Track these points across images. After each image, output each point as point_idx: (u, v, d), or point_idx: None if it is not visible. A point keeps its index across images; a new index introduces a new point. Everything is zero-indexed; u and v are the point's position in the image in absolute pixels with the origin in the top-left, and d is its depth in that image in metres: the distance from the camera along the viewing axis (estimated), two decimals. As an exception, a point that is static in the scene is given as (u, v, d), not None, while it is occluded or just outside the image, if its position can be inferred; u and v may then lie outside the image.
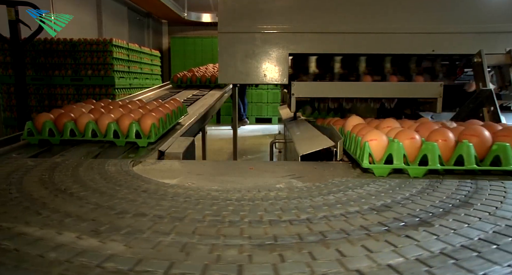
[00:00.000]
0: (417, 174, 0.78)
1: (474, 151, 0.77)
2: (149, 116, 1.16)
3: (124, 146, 1.12)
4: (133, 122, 1.12)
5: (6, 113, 3.73)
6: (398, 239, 0.44)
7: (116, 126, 1.12)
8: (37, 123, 1.12)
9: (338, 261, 0.39)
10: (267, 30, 1.53)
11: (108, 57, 3.81)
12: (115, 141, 1.13)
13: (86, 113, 1.20)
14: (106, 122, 1.12)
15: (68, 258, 0.38)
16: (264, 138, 5.27)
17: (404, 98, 1.62)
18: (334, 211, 0.55)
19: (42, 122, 1.12)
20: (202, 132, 2.80)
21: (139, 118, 1.15)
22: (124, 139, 1.12)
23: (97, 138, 1.13)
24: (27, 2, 2.69)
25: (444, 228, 0.48)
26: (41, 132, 1.12)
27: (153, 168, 0.88)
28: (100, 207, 0.56)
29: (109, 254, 0.40)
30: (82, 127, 1.13)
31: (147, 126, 1.12)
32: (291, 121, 1.76)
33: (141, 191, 0.65)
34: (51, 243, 0.42)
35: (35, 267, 0.37)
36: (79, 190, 0.65)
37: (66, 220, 0.50)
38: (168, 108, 1.36)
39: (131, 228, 0.48)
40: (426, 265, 0.37)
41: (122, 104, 1.41)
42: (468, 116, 1.27)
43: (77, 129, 1.13)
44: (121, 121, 1.13)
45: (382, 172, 0.79)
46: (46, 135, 1.12)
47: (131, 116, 1.15)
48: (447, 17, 1.50)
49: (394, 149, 0.78)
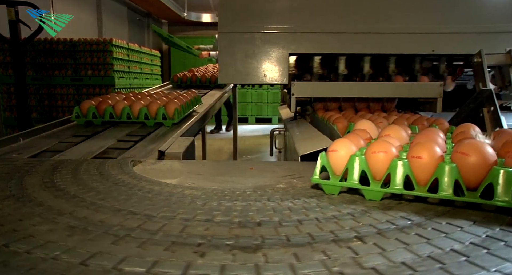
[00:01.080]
0: (373, 197, 0.62)
1: (458, 174, 0.57)
2: (173, 102, 1.45)
3: (153, 126, 1.40)
4: (160, 107, 1.40)
5: (6, 113, 3.73)
6: (387, 241, 0.44)
7: (146, 111, 1.40)
8: (83, 108, 1.42)
9: (322, 262, 0.39)
10: (267, 30, 1.53)
11: (108, 57, 3.81)
12: (146, 122, 1.41)
13: (121, 100, 1.48)
14: (138, 107, 1.41)
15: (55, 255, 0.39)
16: (264, 137, 5.27)
17: (404, 98, 1.62)
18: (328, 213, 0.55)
19: (87, 107, 1.41)
20: (202, 132, 2.79)
21: (165, 104, 1.42)
22: (153, 120, 1.40)
23: (131, 120, 1.42)
24: (27, 2, 2.69)
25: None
26: (86, 115, 1.41)
27: (153, 168, 0.88)
28: (94, 205, 0.56)
29: (95, 253, 0.40)
30: (119, 112, 1.42)
31: (171, 110, 1.41)
32: (291, 121, 1.76)
33: (137, 190, 0.65)
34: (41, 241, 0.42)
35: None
36: (83, 192, 0.65)
37: (59, 217, 0.50)
38: (187, 97, 1.66)
39: (121, 226, 0.48)
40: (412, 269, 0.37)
41: (148, 94, 1.75)
42: (468, 116, 1.27)
43: (114, 113, 1.42)
44: (150, 106, 1.41)
45: (332, 190, 0.65)
46: (90, 118, 1.41)
47: (158, 103, 1.43)
48: (447, 17, 1.49)
49: (353, 163, 0.63)
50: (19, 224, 0.48)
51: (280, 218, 0.52)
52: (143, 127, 1.39)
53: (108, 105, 1.42)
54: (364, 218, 0.53)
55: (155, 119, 1.40)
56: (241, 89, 6.87)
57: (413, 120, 1.23)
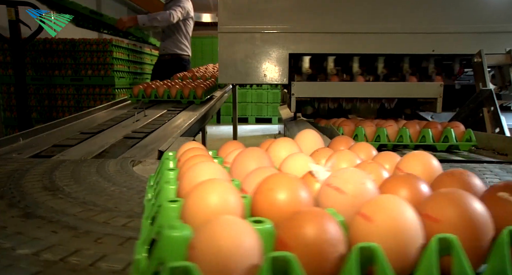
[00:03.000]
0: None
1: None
2: (200, 86, 2.00)
3: (186, 103, 1.94)
4: (191, 90, 1.95)
5: (6, 113, 3.73)
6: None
7: (181, 92, 1.96)
8: (134, 91, 2.01)
9: None
10: (267, 30, 1.53)
11: (108, 57, 3.81)
12: (181, 100, 1.96)
13: (162, 85, 2.05)
14: (175, 90, 1.97)
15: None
16: (264, 137, 5.27)
17: (404, 98, 1.62)
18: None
19: (137, 91, 2.00)
20: (202, 132, 2.80)
21: (195, 88, 1.97)
22: (186, 99, 1.96)
23: (170, 99, 1.97)
24: (27, 2, 2.69)
25: None
26: (137, 96, 1.99)
27: (153, 168, 0.88)
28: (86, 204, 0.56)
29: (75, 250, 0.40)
30: (161, 93, 1.98)
31: (199, 92, 1.95)
32: (291, 121, 1.76)
33: (137, 191, 0.65)
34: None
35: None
36: (84, 193, 0.65)
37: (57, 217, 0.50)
38: (209, 83, 2.19)
39: (126, 228, 0.48)
40: None
41: (183, 80, 2.43)
42: (468, 116, 1.27)
43: (157, 94, 1.98)
44: (184, 89, 1.97)
45: None
46: (140, 97, 1.97)
47: (189, 87, 1.99)
48: (447, 17, 1.50)
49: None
50: (23, 226, 0.48)
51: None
52: (179, 104, 1.94)
53: (153, 89, 1.98)
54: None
55: (188, 99, 1.94)
56: (241, 89, 6.87)
57: (425, 124, 1.17)
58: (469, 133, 1.08)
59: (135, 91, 2.00)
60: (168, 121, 1.53)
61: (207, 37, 7.46)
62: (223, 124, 6.72)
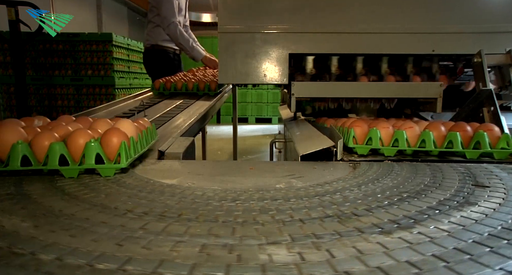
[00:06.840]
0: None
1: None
2: (214, 81, 2.29)
3: (200, 94, 2.25)
4: (206, 84, 2.26)
5: (6, 113, 3.73)
6: (390, 241, 0.45)
7: (197, 86, 2.26)
8: (155, 85, 2.28)
9: (328, 262, 0.39)
10: (267, 30, 1.53)
11: (108, 57, 3.81)
12: (198, 92, 2.26)
13: (179, 80, 2.32)
14: (192, 84, 2.27)
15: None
16: (264, 137, 5.28)
17: (404, 98, 1.62)
18: (328, 211, 0.55)
19: (159, 85, 2.27)
20: (202, 132, 2.80)
21: (209, 82, 2.28)
22: (202, 91, 2.26)
23: (187, 91, 2.26)
24: (27, 2, 2.69)
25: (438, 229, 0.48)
26: (158, 89, 2.27)
27: (153, 168, 0.88)
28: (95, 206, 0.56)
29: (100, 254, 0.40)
30: (179, 86, 2.26)
31: (213, 85, 2.25)
32: (291, 121, 1.76)
33: (137, 191, 0.65)
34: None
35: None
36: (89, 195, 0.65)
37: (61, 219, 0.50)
38: (215, 81, 2.36)
39: (124, 227, 0.48)
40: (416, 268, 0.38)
41: (197, 74, 2.65)
42: (468, 116, 1.27)
43: (176, 87, 2.26)
44: (199, 83, 2.28)
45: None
46: (161, 90, 2.26)
47: (204, 81, 2.29)
48: (447, 17, 1.49)
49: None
50: (22, 226, 0.48)
51: (282, 217, 0.53)
52: (193, 95, 2.22)
53: (172, 83, 2.27)
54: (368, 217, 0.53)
55: (203, 91, 2.24)
56: (241, 89, 6.87)
57: (451, 125, 0.99)
58: (507, 139, 0.89)
59: (156, 85, 2.28)
60: (168, 121, 1.52)
61: (207, 37, 7.46)
62: (223, 124, 6.72)
